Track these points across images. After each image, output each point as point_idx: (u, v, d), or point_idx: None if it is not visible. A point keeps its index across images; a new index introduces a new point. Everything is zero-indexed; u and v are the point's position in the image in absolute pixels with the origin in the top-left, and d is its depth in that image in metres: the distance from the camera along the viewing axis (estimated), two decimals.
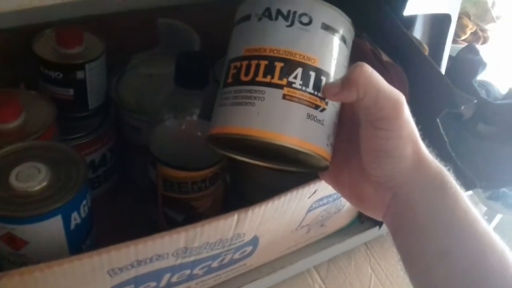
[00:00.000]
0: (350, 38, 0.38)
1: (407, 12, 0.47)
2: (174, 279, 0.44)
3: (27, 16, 0.51)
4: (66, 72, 0.49)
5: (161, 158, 0.46)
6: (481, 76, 0.74)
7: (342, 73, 0.36)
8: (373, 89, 0.33)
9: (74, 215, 0.39)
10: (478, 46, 0.79)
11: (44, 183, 0.37)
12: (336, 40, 0.36)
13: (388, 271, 0.67)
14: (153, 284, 0.42)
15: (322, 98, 0.35)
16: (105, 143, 0.55)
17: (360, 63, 0.34)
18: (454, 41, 0.76)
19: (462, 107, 0.48)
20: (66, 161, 0.40)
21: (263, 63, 0.35)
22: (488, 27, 0.89)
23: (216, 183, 0.49)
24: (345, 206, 0.53)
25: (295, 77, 0.35)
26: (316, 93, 0.35)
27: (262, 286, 0.59)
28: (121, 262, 0.36)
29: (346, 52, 0.37)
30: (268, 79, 0.35)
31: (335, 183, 0.38)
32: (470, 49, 0.75)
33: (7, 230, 0.36)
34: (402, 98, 0.33)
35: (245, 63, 0.36)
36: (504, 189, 0.75)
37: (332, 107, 0.35)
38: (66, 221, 0.38)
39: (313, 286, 0.63)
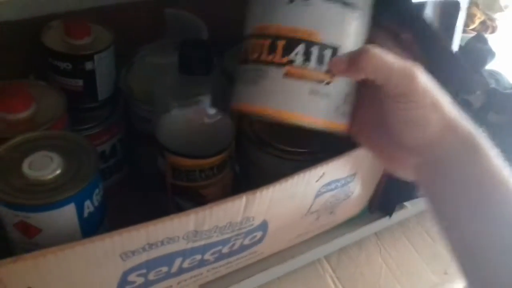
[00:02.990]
0: (363, 3, 0.37)
1: None
2: (185, 265, 0.44)
3: (35, 8, 0.51)
4: (75, 63, 0.50)
5: (169, 147, 0.46)
6: (490, 66, 0.74)
7: (355, 41, 0.37)
8: (383, 71, 0.33)
9: (87, 203, 0.39)
10: (487, 36, 0.79)
11: (57, 172, 0.38)
12: (340, 10, 0.35)
13: (399, 260, 0.66)
14: (165, 269, 0.42)
15: (327, 71, 0.35)
16: (115, 134, 0.55)
17: (365, 46, 0.34)
18: (463, 31, 0.76)
19: (477, 92, 0.48)
20: (78, 150, 0.40)
21: (267, 42, 0.36)
22: (497, 16, 0.89)
23: (224, 170, 0.49)
24: (354, 193, 0.53)
25: (296, 54, 0.35)
26: (319, 67, 0.35)
27: (273, 275, 0.59)
28: (133, 245, 0.37)
29: (357, 18, 0.36)
30: (270, 58, 0.36)
31: (366, 143, 0.40)
32: (479, 39, 0.74)
33: (21, 218, 0.36)
34: (416, 71, 0.34)
35: (253, 41, 0.36)
36: None
37: (340, 78, 0.36)
38: (79, 209, 0.39)
39: (323, 275, 0.63)
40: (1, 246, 0.41)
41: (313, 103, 0.35)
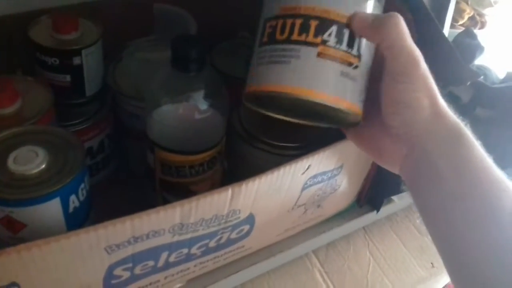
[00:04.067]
0: None
1: None
2: (172, 259, 0.44)
3: (23, 3, 0.51)
4: (62, 58, 0.50)
5: (159, 143, 0.46)
6: (478, 61, 0.74)
7: None
8: (398, 44, 0.35)
9: (73, 198, 0.39)
10: (476, 31, 0.79)
11: (42, 166, 0.38)
12: None
13: (387, 254, 0.67)
14: (151, 263, 0.43)
15: (356, 56, 0.36)
16: (103, 129, 0.55)
17: (395, 13, 0.36)
18: (452, 26, 0.76)
19: (467, 83, 0.49)
20: (63, 145, 0.40)
21: (298, 21, 0.36)
22: (486, 11, 0.89)
23: (214, 167, 0.50)
24: (341, 186, 0.54)
25: (330, 35, 0.36)
26: (350, 50, 0.36)
27: (261, 270, 0.60)
28: (118, 238, 0.37)
29: (380, 8, 0.38)
30: (303, 37, 0.36)
31: (355, 137, 0.42)
32: (468, 34, 0.75)
33: (6, 213, 0.36)
34: (421, 56, 0.36)
35: (280, 21, 0.36)
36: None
37: (364, 65, 0.37)
38: (65, 204, 0.39)
39: (312, 270, 0.63)
40: None
41: (342, 84, 0.35)
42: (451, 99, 0.70)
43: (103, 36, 0.52)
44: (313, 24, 0.36)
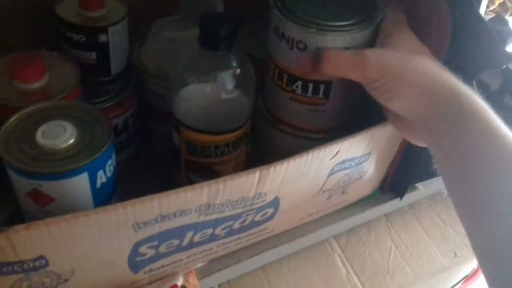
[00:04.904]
0: (355, 45, 0.44)
1: None
2: (196, 238, 0.44)
3: None
4: (89, 35, 0.49)
5: (185, 122, 0.46)
6: (509, 48, 0.73)
7: None
8: (339, 71, 0.42)
9: (100, 173, 0.39)
10: (507, 17, 0.77)
11: (70, 141, 0.38)
12: None
13: (409, 243, 0.66)
14: (176, 242, 0.42)
15: (322, 98, 0.47)
16: (127, 108, 0.55)
17: (326, 54, 0.42)
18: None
19: (504, 66, 0.48)
20: (91, 121, 0.40)
21: (277, 70, 0.47)
22: None
23: (239, 148, 0.49)
24: (367, 173, 0.53)
25: (297, 86, 0.47)
26: (315, 96, 0.47)
27: (282, 253, 0.59)
28: (145, 216, 0.37)
29: None
30: (280, 83, 0.48)
31: (396, 122, 0.44)
32: (499, 20, 0.73)
33: (34, 186, 0.37)
34: (365, 56, 0.40)
35: (270, 61, 0.48)
36: None
37: (335, 99, 0.47)
38: (92, 179, 0.38)
39: (332, 255, 0.63)
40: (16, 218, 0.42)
41: (312, 117, 0.48)
42: (480, 86, 0.69)
43: (128, 14, 0.52)
44: (285, 76, 0.47)
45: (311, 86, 0.46)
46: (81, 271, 0.39)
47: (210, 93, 0.45)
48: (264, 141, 0.54)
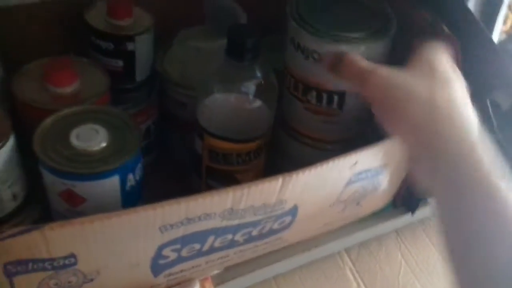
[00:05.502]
0: (368, 56, 0.44)
1: None
2: (216, 244, 0.45)
3: None
4: (117, 42, 0.51)
5: (208, 129, 0.47)
6: None
7: None
8: (353, 78, 0.41)
9: (130, 176, 0.40)
10: None
11: (103, 144, 0.39)
12: None
13: (419, 258, 0.67)
14: (197, 246, 0.43)
15: (336, 108, 0.49)
16: (150, 116, 0.56)
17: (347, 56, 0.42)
18: None
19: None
20: (122, 126, 0.41)
21: (293, 80, 0.49)
22: None
23: (259, 157, 0.50)
24: (381, 186, 0.54)
25: (312, 96, 0.48)
26: (329, 106, 0.49)
27: (294, 264, 0.60)
28: (172, 218, 0.38)
29: None
30: (296, 93, 0.50)
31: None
32: (511, 40, 0.74)
33: (68, 186, 0.38)
34: (367, 80, 0.39)
35: (286, 72, 0.50)
36: None
37: (349, 111, 0.49)
38: (123, 182, 0.40)
39: (343, 268, 0.64)
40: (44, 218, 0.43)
41: (326, 128, 0.50)
42: (492, 105, 0.71)
43: (154, 23, 0.53)
44: (300, 86, 0.49)
45: (325, 96, 0.48)
46: (106, 272, 0.40)
47: (234, 102, 0.47)
48: (278, 150, 0.56)
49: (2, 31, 0.46)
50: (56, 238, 0.34)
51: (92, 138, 0.38)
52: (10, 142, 0.38)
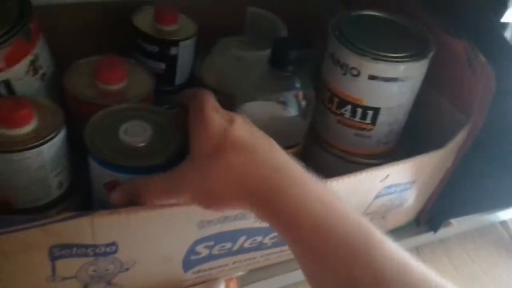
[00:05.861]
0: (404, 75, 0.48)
1: (504, 19, 0.50)
2: (246, 244, 0.46)
3: None
4: (162, 46, 0.53)
5: None
6: None
7: (397, 101, 0.50)
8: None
9: None
10: None
11: (149, 140, 0.41)
12: (382, 85, 0.48)
13: None
14: (228, 245, 0.45)
15: (369, 123, 0.51)
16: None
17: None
18: None
19: None
20: (167, 124, 0.43)
21: (328, 94, 0.51)
22: None
23: None
24: (408, 202, 0.55)
25: (346, 110, 0.51)
26: (362, 121, 0.51)
27: None
28: (211, 214, 0.39)
29: (399, 86, 0.49)
30: (330, 105, 0.52)
31: None
32: None
33: (113, 178, 0.39)
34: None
35: (322, 85, 0.52)
36: None
37: (382, 126, 0.51)
38: None
39: None
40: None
41: (357, 140, 0.52)
42: None
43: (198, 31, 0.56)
44: (336, 100, 0.51)
45: (359, 111, 0.50)
46: (142, 262, 0.42)
47: (271, 110, 0.48)
48: (308, 160, 0.57)
49: (54, 29, 0.49)
50: (102, 225, 0.36)
51: (140, 134, 0.40)
52: (62, 133, 0.40)
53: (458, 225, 0.68)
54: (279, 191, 0.33)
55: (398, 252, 0.31)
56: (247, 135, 0.36)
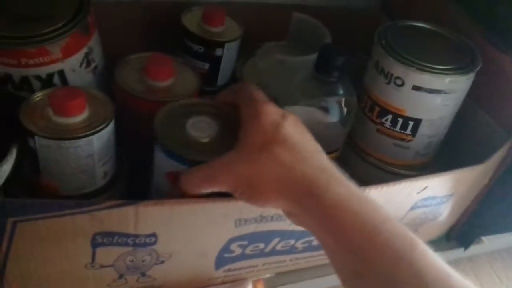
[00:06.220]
0: (449, 87, 0.48)
1: None
2: (278, 247, 0.47)
3: None
4: (208, 47, 0.55)
5: None
6: None
7: (439, 113, 0.50)
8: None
9: None
10: None
11: (213, 136, 0.41)
12: (426, 96, 0.48)
13: None
14: (262, 245, 0.46)
15: (409, 134, 0.51)
16: None
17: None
18: None
19: None
20: (228, 121, 0.43)
21: (369, 102, 0.52)
22: None
23: None
24: (442, 216, 0.55)
25: (386, 120, 0.51)
26: (403, 131, 0.51)
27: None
28: (249, 213, 0.40)
29: (441, 98, 0.49)
30: (370, 114, 0.53)
31: None
32: None
33: (177, 169, 0.40)
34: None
35: (364, 93, 0.53)
36: None
37: (421, 137, 0.51)
38: None
39: None
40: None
41: (396, 151, 0.52)
42: None
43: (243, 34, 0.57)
44: (377, 109, 0.51)
45: (400, 121, 0.50)
46: (177, 256, 0.43)
47: (313, 115, 0.49)
48: (344, 167, 0.57)
49: (105, 24, 0.50)
50: (145, 216, 0.37)
51: (204, 129, 0.41)
52: (112, 125, 0.42)
53: (489, 243, 0.67)
54: (324, 189, 0.34)
55: (439, 261, 0.31)
56: (298, 133, 0.37)
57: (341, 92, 0.48)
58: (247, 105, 0.38)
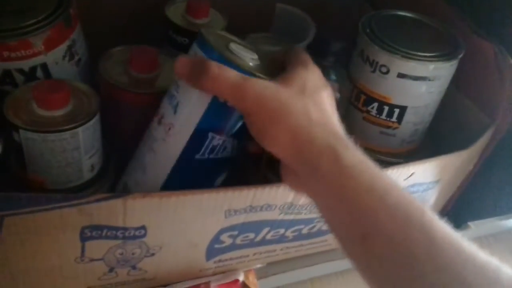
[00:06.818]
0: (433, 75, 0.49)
1: None
2: (268, 236, 0.47)
3: None
4: (192, 39, 0.54)
5: None
6: None
7: (424, 100, 0.51)
8: (218, 91, 0.36)
9: None
10: None
11: (255, 62, 0.39)
12: (410, 83, 0.49)
13: None
14: (252, 235, 0.46)
15: (395, 121, 0.51)
16: None
17: (208, 64, 0.36)
18: None
19: None
20: (269, 61, 0.40)
21: (356, 91, 0.52)
22: None
23: None
24: (429, 202, 0.55)
25: (372, 108, 0.51)
26: (389, 119, 0.51)
27: (332, 269, 0.62)
28: (239, 204, 0.40)
29: (427, 85, 0.49)
30: (356, 103, 0.52)
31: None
32: None
33: None
34: (247, 85, 0.35)
35: (347, 83, 0.53)
36: None
37: (407, 125, 0.52)
38: None
39: None
40: None
41: (382, 139, 0.53)
42: None
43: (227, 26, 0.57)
44: (362, 97, 0.51)
45: (386, 109, 0.51)
46: (168, 248, 0.43)
47: None
48: None
49: (87, 17, 0.50)
50: (134, 208, 0.37)
51: (248, 53, 0.39)
52: (97, 117, 0.41)
53: (475, 228, 0.68)
54: (343, 150, 0.34)
55: (447, 226, 0.32)
56: (330, 105, 0.37)
57: (333, 77, 0.48)
58: (298, 53, 0.39)
